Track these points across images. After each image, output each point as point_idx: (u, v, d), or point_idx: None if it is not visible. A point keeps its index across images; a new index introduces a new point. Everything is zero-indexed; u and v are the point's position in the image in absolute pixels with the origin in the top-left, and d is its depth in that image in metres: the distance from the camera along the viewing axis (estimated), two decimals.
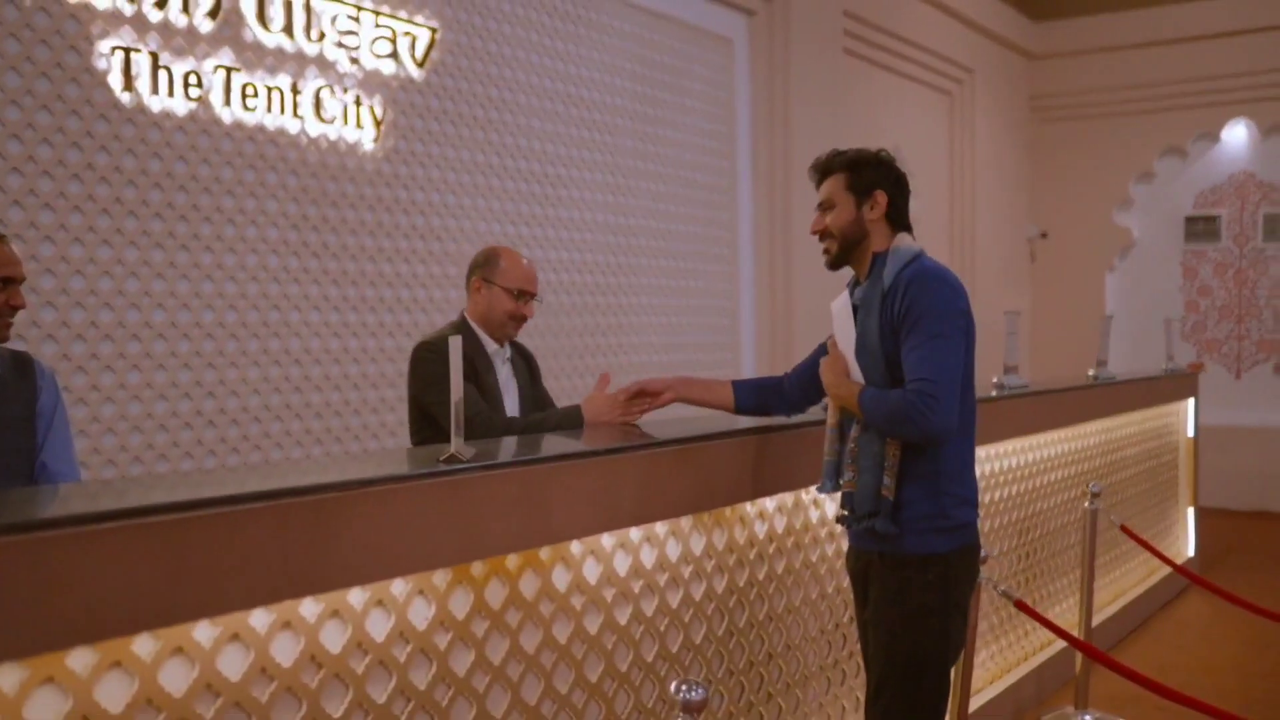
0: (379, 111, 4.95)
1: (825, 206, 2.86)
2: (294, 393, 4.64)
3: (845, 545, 3.39)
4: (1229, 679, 5.20)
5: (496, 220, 5.56)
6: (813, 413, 3.32)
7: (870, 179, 2.83)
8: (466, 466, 2.24)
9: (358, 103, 4.85)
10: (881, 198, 2.82)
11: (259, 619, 1.95)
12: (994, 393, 4.60)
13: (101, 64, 3.99)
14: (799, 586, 3.36)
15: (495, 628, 2.37)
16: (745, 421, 3.14)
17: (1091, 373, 5.86)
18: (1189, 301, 10.77)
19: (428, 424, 3.29)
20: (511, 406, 3.42)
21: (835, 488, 2.79)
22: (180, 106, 4.22)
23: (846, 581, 3.52)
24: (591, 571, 2.62)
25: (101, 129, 4.00)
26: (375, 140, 4.94)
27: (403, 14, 5.06)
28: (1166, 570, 6.58)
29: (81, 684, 1.72)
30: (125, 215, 4.07)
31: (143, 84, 4.10)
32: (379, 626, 2.15)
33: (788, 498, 3.29)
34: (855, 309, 2.79)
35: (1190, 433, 7.32)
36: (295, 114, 4.61)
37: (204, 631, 1.87)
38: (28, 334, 3.80)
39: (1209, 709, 3.17)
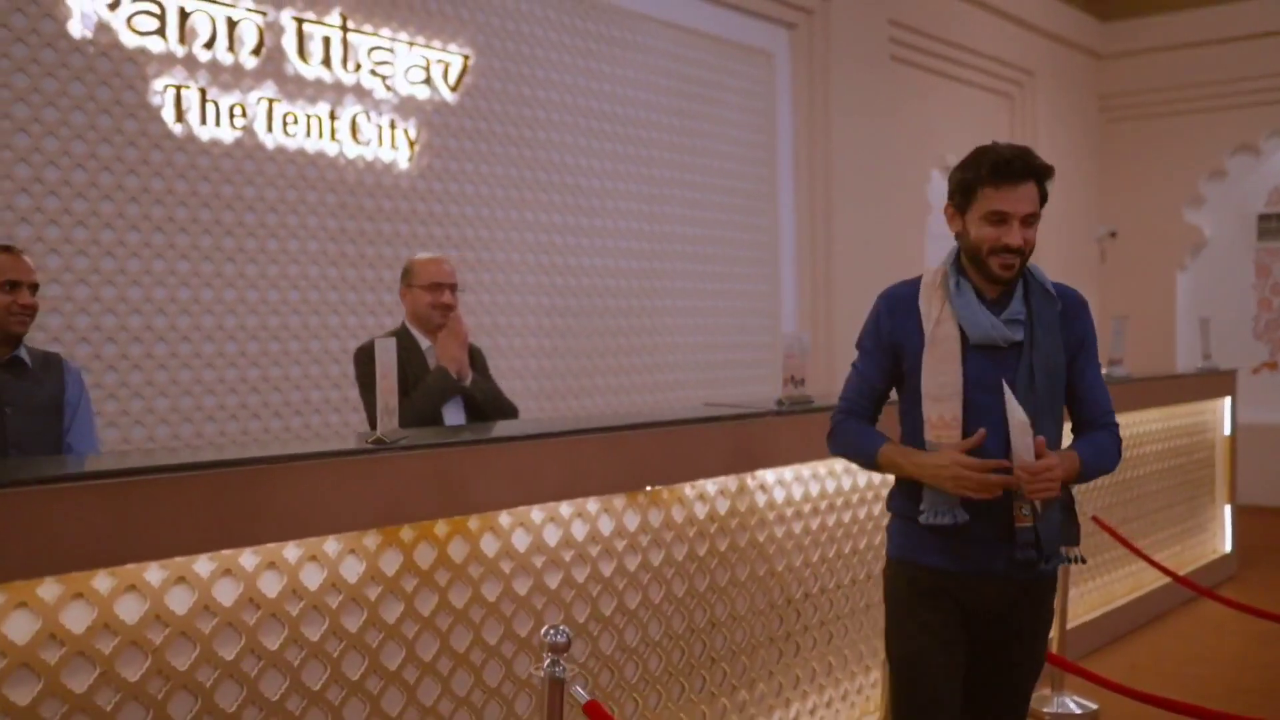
0: (413, 133, 5.44)
1: (1029, 221, 2.54)
2: (333, 389, 5.15)
3: (804, 528, 3.75)
4: (1227, 671, 5.38)
5: (530, 230, 6.01)
6: (758, 403, 3.69)
7: (1047, 194, 2.60)
8: (389, 446, 2.68)
9: (392, 126, 5.36)
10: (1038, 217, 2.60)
11: (202, 566, 2.41)
12: None
13: (156, 100, 4.55)
14: (744, 563, 3.72)
15: (424, 585, 2.81)
16: (682, 411, 3.52)
17: (1201, 365, 6.88)
18: (1262, 300, 10.71)
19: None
20: (453, 402, 3.86)
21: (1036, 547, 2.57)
22: (227, 135, 4.77)
23: (800, 560, 3.89)
24: (521, 541, 3.04)
25: (156, 157, 4.57)
26: (410, 160, 5.44)
27: (436, 43, 5.55)
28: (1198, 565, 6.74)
29: (49, 609, 2.20)
30: (177, 232, 4.64)
31: (193, 116, 4.65)
32: (313, 578, 2.60)
33: (730, 481, 3.66)
34: (1004, 327, 2.56)
35: (1226, 431, 7.39)
36: (334, 138, 5.13)
37: (154, 573, 2.34)
38: (91, 337, 4.38)
39: (1178, 705, 3.41)
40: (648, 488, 3.32)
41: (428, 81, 5.50)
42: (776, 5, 7.53)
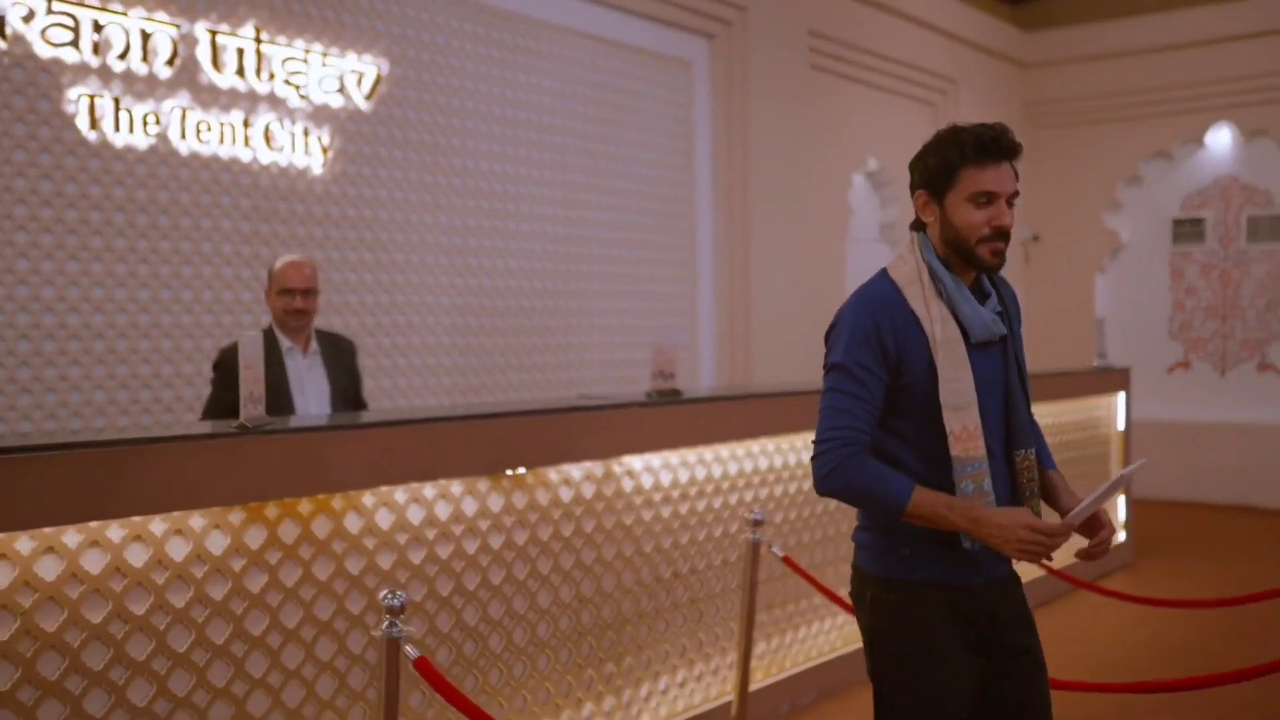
0: (326, 140, 5.69)
1: (1012, 202, 2.38)
2: None
3: (673, 512, 4.02)
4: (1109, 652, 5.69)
5: (444, 233, 6.27)
6: (629, 393, 3.96)
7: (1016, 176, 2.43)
8: (251, 431, 2.94)
9: (306, 133, 5.60)
10: None
11: (70, 537, 2.67)
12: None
13: (70, 109, 4.78)
14: (612, 544, 4.00)
15: (288, 558, 3.07)
16: (548, 401, 3.80)
17: (1095, 363, 7.12)
18: (1176, 301, 11.10)
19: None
20: (316, 395, 4.13)
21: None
22: (141, 142, 5.00)
23: (668, 542, 4.17)
24: (385, 519, 3.30)
25: (70, 163, 4.80)
26: (324, 166, 5.69)
27: (351, 54, 5.80)
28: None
29: None
30: (91, 235, 4.87)
31: (107, 124, 4.89)
32: (178, 550, 2.86)
33: (596, 467, 3.93)
34: (998, 320, 2.44)
35: (1121, 426, 7.74)
36: (247, 145, 5.37)
37: (24, 543, 2.59)
38: (5, 334, 4.61)
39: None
40: (508, 471, 3.59)
41: (342, 91, 5.75)
42: (695, 16, 7.81)
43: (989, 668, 2.41)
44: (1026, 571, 5.76)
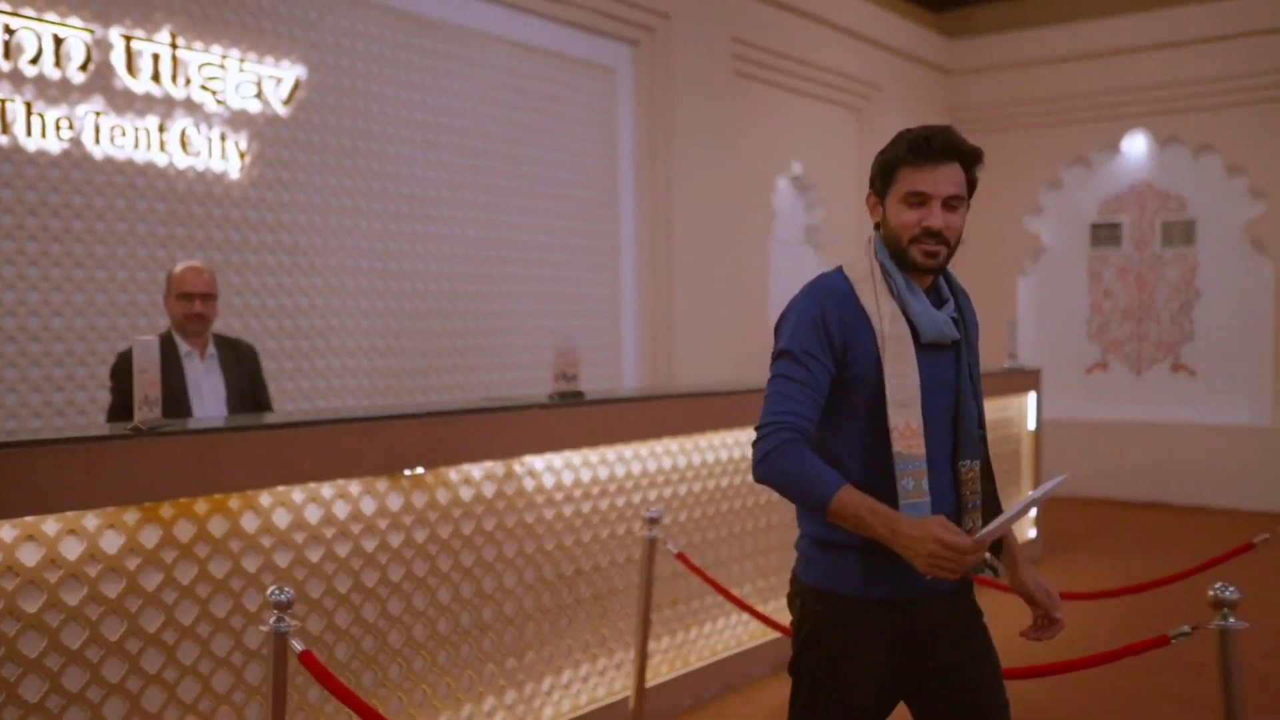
0: (244, 145, 5.75)
1: (951, 204, 2.32)
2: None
3: (575, 510, 4.13)
4: None
5: (364, 237, 6.35)
6: (530, 395, 4.08)
7: (976, 181, 2.40)
8: (145, 433, 3.03)
9: (223, 138, 5.66)
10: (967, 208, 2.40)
11: None
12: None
13: None
14: (513, 542, 4.11)
15: (184, 557, 3.15)
16: (446, 404, 3.90)
17: (1006, 364, 6.98)
18: (1094, 304, 11.39)
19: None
20: (213, 398, 4.22)
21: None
22: (54, 146, 5.04)
23: (570, 539, 4.29)
24: (282, 519, 3.40)
25: None
26: (241, 170, 5.74)
27: (269, 60, 5.86)
28: None
29: None
30: (3, 239, 4.90)
31: (19, 128, 4.92)
32: (72, 549, 2.93)
33: (497, 466, 4.04)
34: (951, 324, 2.41)
35: (1031, 425, 7.97)
36: (163, 149, 5.42)
37: None
38: None
39: None
40: (406, 472, 3.70)
41: (260, 96, 5.81)
42: (619, 23, 7.94)
43: (923, 683, 2.36)
44: None
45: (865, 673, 2.31)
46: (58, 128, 5.05)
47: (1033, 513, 7.92)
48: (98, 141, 5.19)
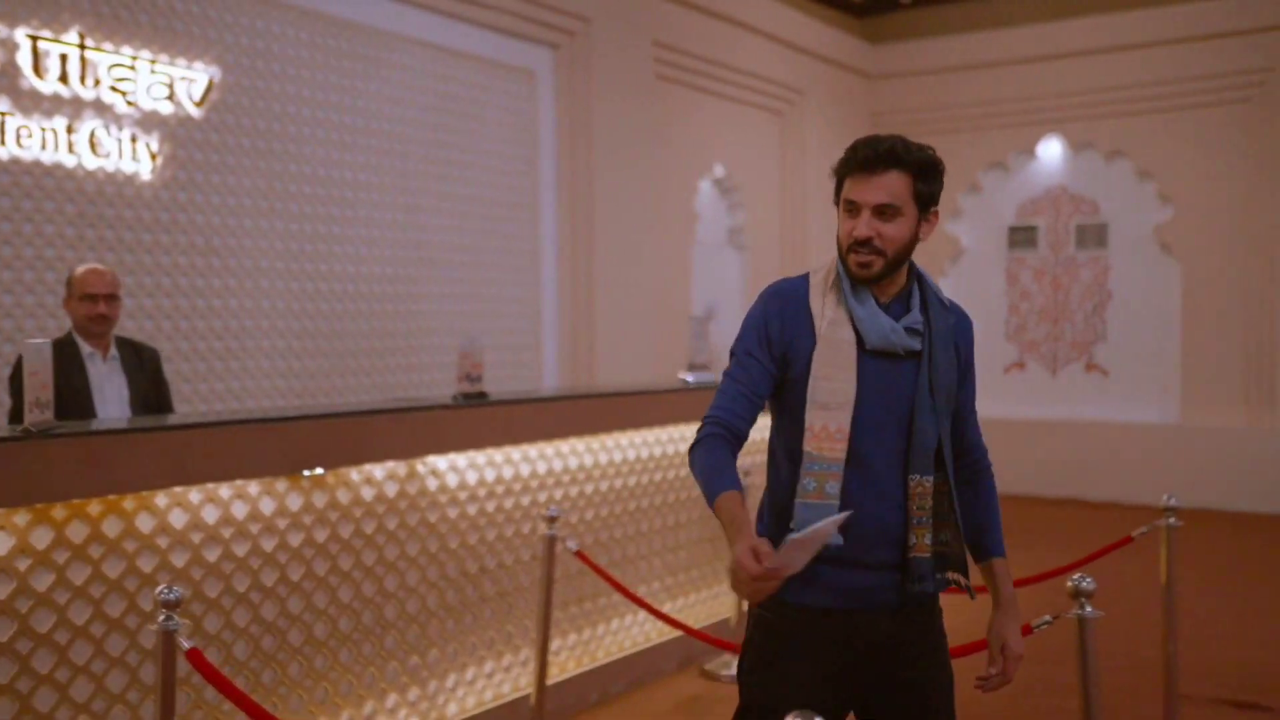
0: (155, 147, 5.74)
1: (884, 212, 2.30)
2: None
3: (479, 509, 4.19)
4: None
5: (280, 238, 6.36)
6: (433, 396, 4.14)
7: (935, 191, 2.35)
8: (35, 435, 3.06)
9: (134, 140, 5.65)
10: (935, 219, 2.39)
11: None
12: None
13: None
14: (416, 540, 4.17)
15: (77, 558, 3.18)
16: (347, 405, 3.96)
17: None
18: (1012, 305, 11.65)
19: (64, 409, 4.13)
20: (116, 400, 4.24)
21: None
22: None
23: (474, 538, 4.36)
24: (179, 519, 3.43)
25: None
26: (153, 172, 5.74)
27: (181, 61, 5.86)
28: None
29: None
30: None
31: None
32: None
33: (399, 466, 4.10)
34: (904, 334, 2.34)
35: None
36: (71, 150, 5.41)
37: None
38: None
39: None
40: (306, 472, 3.75)
41: (171, 98, 5.81)
42: (539, 27, 8.01)
43: (868, 696, 2.36)
44: None
45: (793, 678, 2.31)
46: None
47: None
48: (3, 142, 5.17)
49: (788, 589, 2.22)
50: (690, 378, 5.63)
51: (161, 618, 2.82)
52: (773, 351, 2.36)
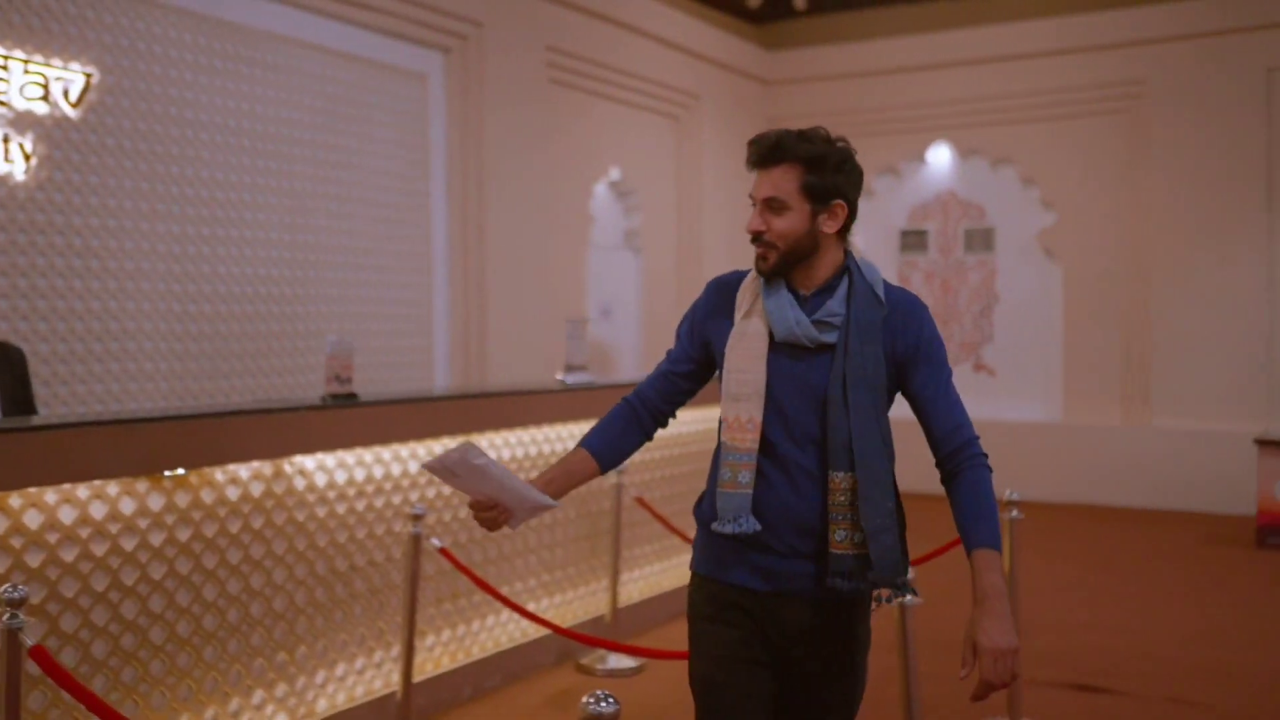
0: (30, 147, 5.71)
1: (772, 206, 2.34)
2: None
3: (348, 509, 4.25)
4: None
5: (161, 240, 6.35)
6: (300, 397, 4.20)
7: (831, 184, 2.35)
8: None
9: (6, 140, 5.61)
10: (841, 210, 2.39)
11: None
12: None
13: None
14: (283, 539, 4.23)
15: None
16: (209, 406, 4.00)
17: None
18: None
19: None
20: None
21: (753, 526, 2.35)
22: None
23: (343, 536, 4.42)
24: (33, 519, 3.46)
25: None
26: (27, 173, 5.71)
27: (56, 61, 5.83)
28: None
29: None
30: None
31: None
32: None
33: (265, 466, 4.16)
34: (816, 325, 2.35)
35: None
36: None
37: None
38: None
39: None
40: (167, 472, 3.79)
41: (46, 98, 5.78)
42: (430, 31, 8.07)
43: (782, 677, 2.41)
44: None
45: (717, 649, 2.37)
46: None
47: None
48: None
49: (712, 565, 2.42)
50: (568, 379, 5.74)
51: (5, 616, 2.87)
52: (694, 337, 2.50)
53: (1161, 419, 10.56)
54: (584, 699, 1.97)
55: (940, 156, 11.72)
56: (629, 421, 2.56)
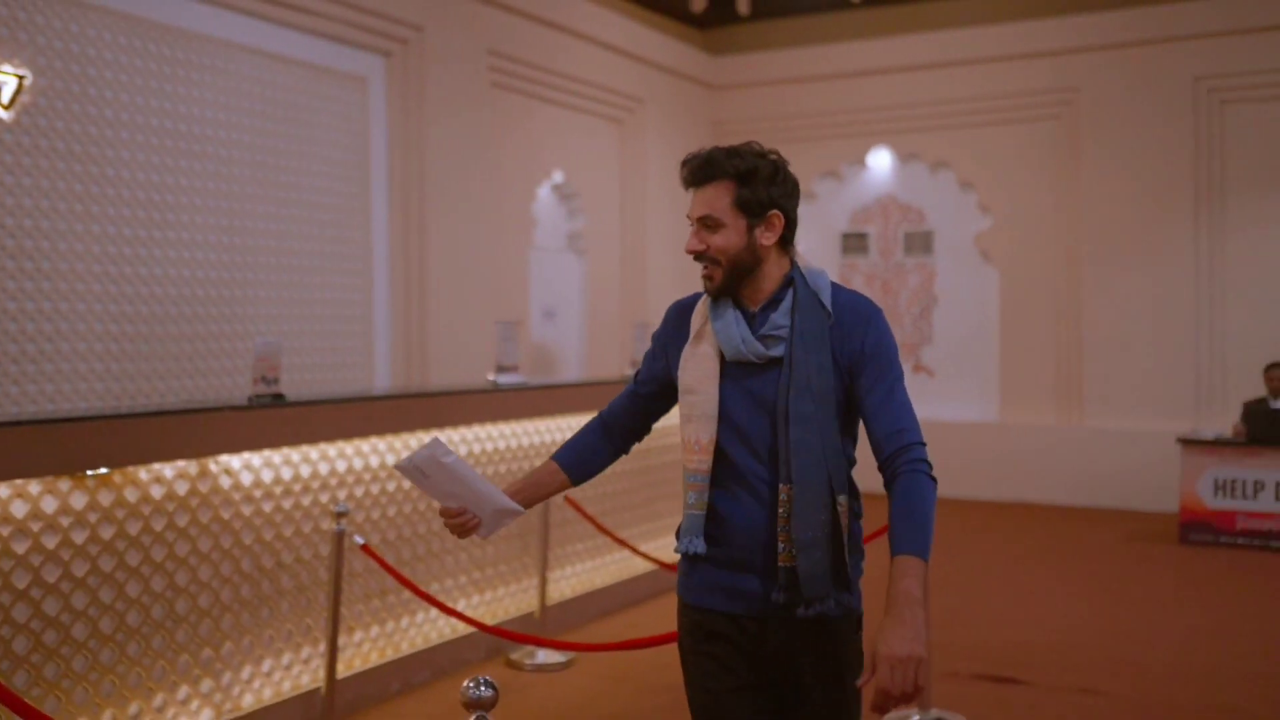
0: None
1: (707, 224, 2.35)
2: None
3: (275, 507, 4.32)
4: None
5: (97, 241, 6.38)
6: (225, 397, 4.27)
7: (765, 197, 2.33)
8: None
9: None
10: (778, 221, 2.35)
11: None
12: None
13: None
14: (208, 537, 4.30)
15: None
16: (126, 406, 4.07)
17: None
18: None
19: None
20: None
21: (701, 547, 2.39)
22: None
23: (270, 534, 4.50)
24: None
25: None
26: None
27: None
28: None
29: None
30: None
31: None
32: None
33: (190, 465, 4.23)
34: (762, 340, 2.34)
35: None
36: None
37: None
38: None
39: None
40: (90, 471, 3.86)
41: None
42: (371, 35, 8.14)
43: (778, 697, 2.40)
44: None
45: (704, 680, 2.38)
46: None
47: None
48: None
49: (689, 591, 2.42)
50: (500, 380, 5.84)
51: None
52: (656, 360, 2.54)
53: (1093, 419, 10.82)
54: (464, 684, 2.10)
55: (881, 160, 11.92)
56: (600, 437, 2.61)
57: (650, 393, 2.57)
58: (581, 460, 2.60)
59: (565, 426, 6.14)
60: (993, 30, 11.14)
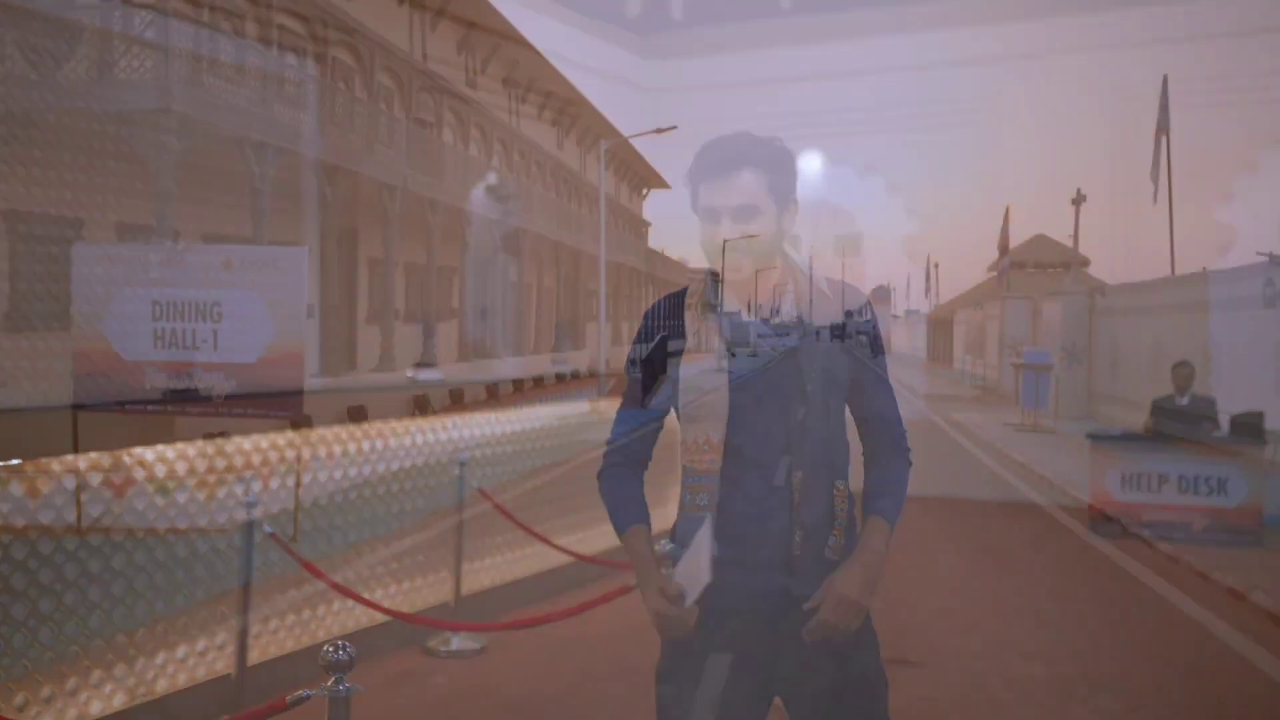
0: None
1: (746, 214, 2.28)
2: None
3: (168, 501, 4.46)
4: None
5: None
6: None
7: (792, 182, 2.31)
8: None
9: None
10: (796, 209, 2.34)
11: None
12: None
13: None
14: (120, 525, 4.44)
15: None
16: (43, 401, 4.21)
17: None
18: None
19: None
20: None
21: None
22: None
23: (185, 524, 4.63)
24: None
25: None
26: None
27: None
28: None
29: None
30: None
31: None
32: None
33: (104, 457, 4.37)
34: (775, 330, 2.30)
35: None
36: None
37: None
38: None
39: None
40: (0, 462, 4.00)
41: None
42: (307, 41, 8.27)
43: (794, 691, 2.36)
44: None
45: (715, 686, 2.32)
46: None
47: None
48: None
49: (694, 591, 2.30)
50: (419, 375, 6.01)
51: None
52: (650, 362, 2.37)
53: (1014, 416, 11.14)
54: (325, 647, 2.29)
55: (811, 164, 12.17)
56: (640, 483, 2.45)
57: (656, 418, 2.40)
58: (646, 507, 2.43)
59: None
60: (916, 39, 11.42)
